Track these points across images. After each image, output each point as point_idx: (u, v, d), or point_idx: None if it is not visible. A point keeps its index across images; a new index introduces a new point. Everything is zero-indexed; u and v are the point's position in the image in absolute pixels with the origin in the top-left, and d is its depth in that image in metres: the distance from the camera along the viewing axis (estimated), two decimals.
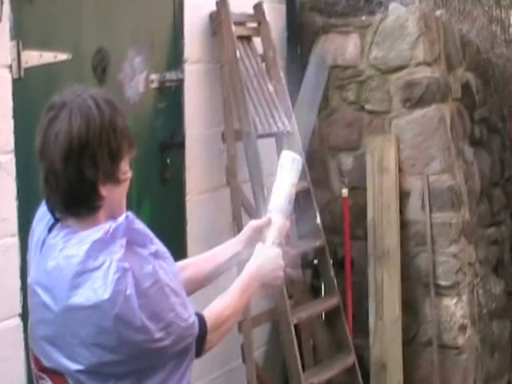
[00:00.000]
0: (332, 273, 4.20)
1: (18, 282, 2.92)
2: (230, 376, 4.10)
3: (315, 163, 4.45)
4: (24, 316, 2.88)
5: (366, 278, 4.32)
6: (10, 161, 2.91)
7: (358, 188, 4.40)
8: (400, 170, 4.31)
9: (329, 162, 4.52)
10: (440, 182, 4.27)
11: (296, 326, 3.99)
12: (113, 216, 1.70)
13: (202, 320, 1.77)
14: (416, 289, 4.33)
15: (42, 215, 1.79)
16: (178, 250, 3.72)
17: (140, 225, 1.69)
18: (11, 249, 2.93)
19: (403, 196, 4.31)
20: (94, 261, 1.60)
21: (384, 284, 4.27)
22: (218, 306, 1.86)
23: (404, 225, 4.31)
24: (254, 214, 3.93)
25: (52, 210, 1.72)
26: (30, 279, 1.76)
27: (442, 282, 4.27)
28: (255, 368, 3.94)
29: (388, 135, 4.34)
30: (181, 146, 3.81)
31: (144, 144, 3.48)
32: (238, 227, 3.92)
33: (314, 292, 4.42)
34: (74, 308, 1.60)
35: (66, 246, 1.66)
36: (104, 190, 1.67)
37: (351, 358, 4.19)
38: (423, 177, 4.26)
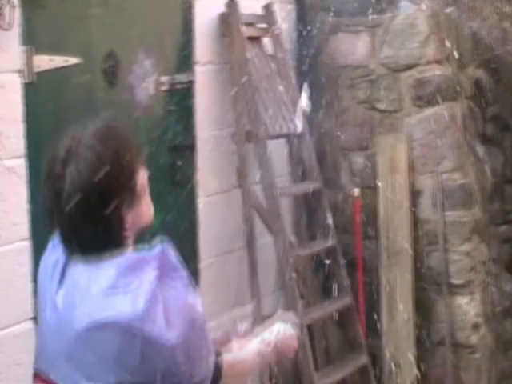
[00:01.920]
0: (344, 273, 4.20)
1: (29, 286, 2.94)
2: None
3: (326, 163, 4.44)
4: (36, 320, 2.89)
5: (378, 278, 4.32)
6: (21, 165, 2.92)
7: (370, 187, 4.39)
8: (411, 168, 4.29)
9: (340, 162, 4.51)
10: (452, 180, 4.25)
11: (308, 327, 3.99)
12: (141, 225, 1.71)
13: (218, 362, 1.77)
14: (429, 288, 4.31)
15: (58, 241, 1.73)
16: (190, 253, 3.74)
17: (173, 256, 1.67)
18: (23, 253, 2.95)
19: (415, 195, 4.30)
20: (125, 280, 1.58)
21: (396, 283, 4.26)
22: (234, 358, 1.89)
23: (416, 224, 4.30)
24: (265, 215, 3.94)
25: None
26: (47, 295, 1.72)
27: (455, 281, 4.25)
28: (267, 368, 3.94)
29: (399, 134, 4.32)
30: (192, 148, 3.82)
31: (155, 146, 3.48)
32: (249, 229, 3.93)
33: (326, 292, 4.41)
34: (100, 326, 1.57)
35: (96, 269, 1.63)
36: (129, 217, 1.66)
37: (364, 358, 4.19)
38: (435, 175, 4.24)
